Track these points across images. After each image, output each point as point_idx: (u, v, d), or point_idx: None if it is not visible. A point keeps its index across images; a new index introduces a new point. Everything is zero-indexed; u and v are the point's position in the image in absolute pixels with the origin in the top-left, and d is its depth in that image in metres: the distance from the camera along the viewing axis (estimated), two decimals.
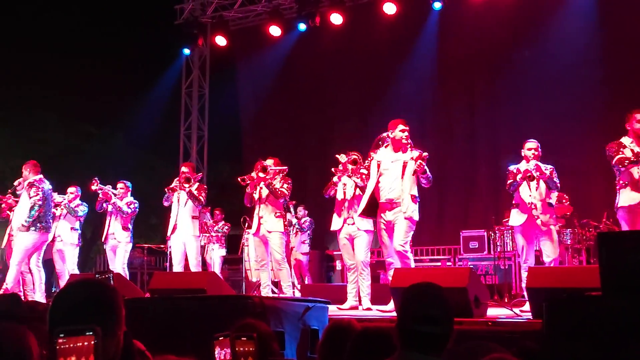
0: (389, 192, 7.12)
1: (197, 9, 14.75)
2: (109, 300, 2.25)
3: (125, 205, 9.66)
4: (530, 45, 12.10)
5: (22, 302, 3.11)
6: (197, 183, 8.89)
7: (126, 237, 9.61)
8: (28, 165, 9.19)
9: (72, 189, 10.00)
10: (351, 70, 13.88)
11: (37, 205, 8.68)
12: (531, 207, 7.04)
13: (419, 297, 2.53)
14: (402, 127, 7.20)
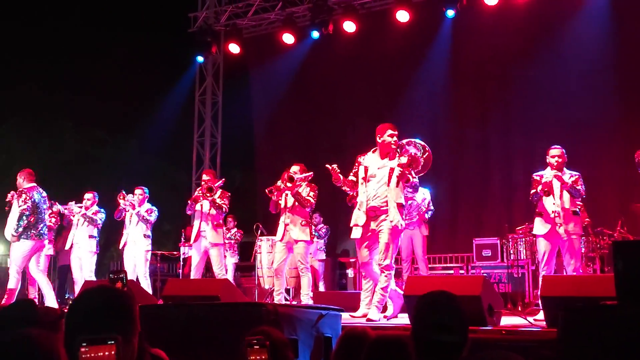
0: (374, 200, 6.81)
1: (211, 17, 14.83)
2: (126, 308, 2.26)
3: (145, 212, 9.66)
4: (543, 53, 12.07)
5: (37, 307, 3.12)
6: (220, 190, 8.87)
7: (147, 244, 9.61)
8: (23, 173, 9.24)
9: (88, 195, 10.03)
10: (364, 78, 13.89)
11: (24, 214, 8.70)
12: (555, 216, 7.02)
13: (433, 305, 2.53)
14: (390, 131, 6.97)
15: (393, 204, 6.73)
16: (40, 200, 9.06)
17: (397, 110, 13.18)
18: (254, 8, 14.18)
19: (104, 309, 2.18)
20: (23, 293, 10.87)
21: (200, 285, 7.32)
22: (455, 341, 2.45)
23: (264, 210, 8.94)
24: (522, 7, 11.75)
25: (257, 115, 15.45)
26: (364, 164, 7.02)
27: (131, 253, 9.60)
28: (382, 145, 6.98)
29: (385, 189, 6.78)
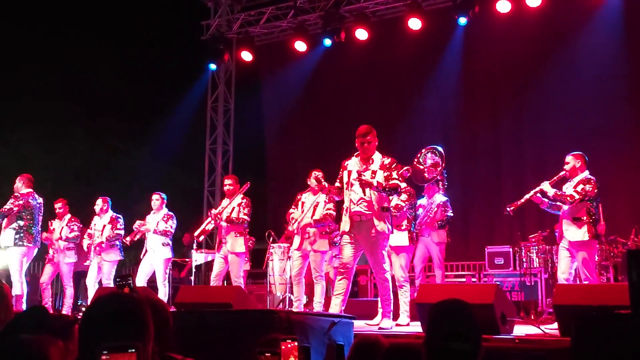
0: (358, 204, 6.68)
1: (223, 25, 14.90)
2: (140, 315, 2.28)
3: (163, 222, 9.62)
4: (555, 61, 12.05)
5: (48, 313, 3.15)
6: (244, 199, 8.83)
7: (166, 252, 9.60)
8: (22, 178, 9.35)
9: (99, 202, 10.07)
10: (376, 86, 13.90)
11: (17, 216, 8.87)
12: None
13: (447, 314, 2.53)
14: (364, 134, 6.84)
15: (376, 208, 6.62)
16: (36, 206, 9.20)
17: (409, 118, 13.19)
18: (266, 16, 14.24)
19: (119, 317, 2.20)
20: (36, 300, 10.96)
21: (212, 292, 7.34)
22: (469, 350, 2.45)
23: (275, 218, 8.97)
24: (535, 15, 11.73)
25: (269, 123, 15.49)
26: (348, 168, 6.90)
27: (148, 261, 9.58)
28: (362, 149, 6.83)
29: (367, 194, 6.61)
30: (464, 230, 12.77)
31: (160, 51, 19.94)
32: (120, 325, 2.19)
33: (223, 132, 15.28)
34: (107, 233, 9.76)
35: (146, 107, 19.59)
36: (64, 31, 20.08)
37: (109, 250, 9.81)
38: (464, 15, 11.78)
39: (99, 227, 9.92)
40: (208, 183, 15.06)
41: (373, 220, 6.61)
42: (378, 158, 6.79)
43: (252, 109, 15.51)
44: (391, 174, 6.64)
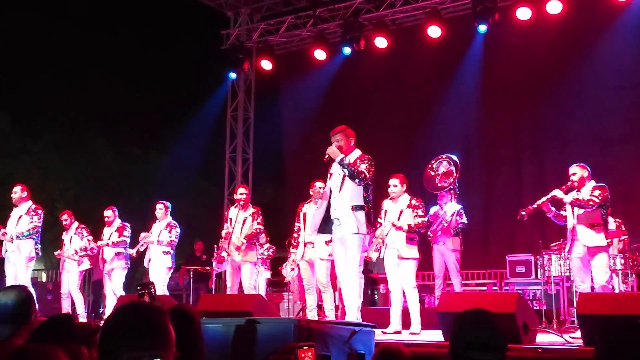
0: (335, 210, 6.48)
1: (243, 34, 14.98)
2: (161, 324, 2.28)
3: (166, 232, 9.65)
4: (576, 69, 11.95)
5: (73, 322, 3.17)
6: (257, 210, 8.84)
7: (167, 261, 9.60)
8: (25, 189, 9.55)
9: (108, 213, 10.16)
10: (395, 94, 13.88)
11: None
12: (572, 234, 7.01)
13: (472, 323, 2.51)
14: (337, 136, 6.58)
15: (347, 209, 6.35)
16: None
17: (429, 126, 13.15)
18: (286, 25, 14.29)
19: (139, 326, 2.21)
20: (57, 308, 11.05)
21: (233, 300, 7.34)
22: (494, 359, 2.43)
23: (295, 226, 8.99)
24: (555, 23, 11.66)
25: (288, 131, 15.51)
26: (331, 171, 6.71)
27: (154, 269, 9.63)
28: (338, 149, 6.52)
29: (339, 195, 6.42)
30: (485, 238, 12.70)
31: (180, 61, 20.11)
32: (141, 335, 2.19)
33: (243, 140, 15.33)
34: (113, 239, 9.90)
35: (166, 117, 19.75)
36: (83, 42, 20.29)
37: (115, 259, 9.90)
38: (483, 22, 11.74)
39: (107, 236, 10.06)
40: (228, 191, 15.09)
41: (344, 223, 6.43)
42: (353, 157, 6.50)
43: (272, 118, 15.56)
44: (357, 167, 6.36)
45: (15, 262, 9.20)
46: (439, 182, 9.25)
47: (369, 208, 6.42)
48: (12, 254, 9.23)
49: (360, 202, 6.33)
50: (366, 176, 6.28)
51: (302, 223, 8.45)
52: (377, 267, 12.86)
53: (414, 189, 8.94)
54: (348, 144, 6.51)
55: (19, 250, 9.18)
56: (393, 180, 8.01)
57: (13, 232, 9.19)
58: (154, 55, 20.40)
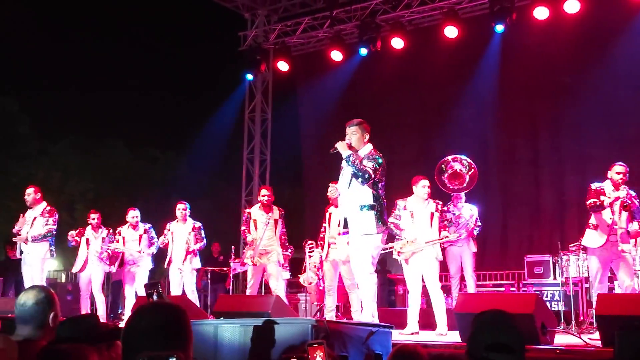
0: (342, 207, 6.46)
1: (260, 35, 15.03)
2: (180, 324, 2.31)
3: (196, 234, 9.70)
4: (594, 68, 11.86)
5: (99, 323, 3.21)
6: (282, 211, 8.86)
7: (196, 262, 9.64)
8: (39, 191, 9.62)
9: (134, 213, 10.22)
10: (412, 94, 13.86)
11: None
12: (611, 231, 6.93)
13: (491, 324, 2.51)
14: (347, 128, 6.48)
15: (355, 207, 6.21)
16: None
17: (446, 127, 13.11)
18: (303, 26, 14.32)
19: (159, 327, 2.24)
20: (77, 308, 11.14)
21: (250, 301, 7.38)
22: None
23: (312, 227, 9.02)
24: (573, 22, 11.59)
25: (305, 132, 15.53)
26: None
27: (176, 270, 9.65)
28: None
29: (348, 193, 6.30)
30: (503, 239, 12.65)
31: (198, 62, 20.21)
32: (161, 335, 2.23)
33: (260, 141, 15.37)
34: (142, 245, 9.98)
35: (185, 118, 19.86)
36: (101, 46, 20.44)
37: (140, 259, 9.97)
38: (501, 22, 11.70)
39: (132, 238, 10.11)
40: (245, 192, 15.15)
41: (354, 225, 6.36)
42: (363, 153, 6.39)
43: (289, 119, 15.59)
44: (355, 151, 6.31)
45: (31, 263, 9.29)
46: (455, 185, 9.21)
47: (381, 205, 6.25)
48: (28, 256, 9.32)
49: (369, 202, 6.15)
50: (370, 176, 6.10)
51: (327, 223, 8.48)
52: (394, 268, 12.87)
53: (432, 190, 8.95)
54: (362, 139, 6.38)
55: (34, 252, 9.27)
56: (425, 182, 8.00)
57: (28, 235, 9.26)
58: (172, 57, 20.52)
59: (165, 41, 20.81)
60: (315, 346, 2.68)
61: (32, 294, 3.29)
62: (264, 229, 8.73)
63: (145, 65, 20.75)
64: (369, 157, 6.23)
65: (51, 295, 3.39)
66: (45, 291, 3.40)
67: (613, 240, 6.93)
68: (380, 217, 6.19)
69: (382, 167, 6.24)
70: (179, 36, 20.69)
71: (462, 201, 9.40)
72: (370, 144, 6.43)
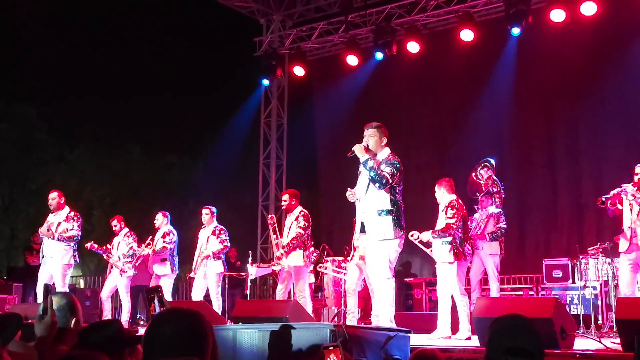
0: (361, 212, 6.36)
1: (275, 40, 15.07)
2: (200, 330, 2.33)
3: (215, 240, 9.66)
4: (612, 71, 11.78)
5: (122, 328, 3.23)
6: (301, 213, 8.83)
7: (219, 266, 9.65)
8: (62, 195, 9.71)
9: (160, 216, 10.26)
10: (428, 98, 13.84)
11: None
12: (632, 234, 6.87)
13: (510, 329, 2.50)
14: (365, 130, 6.46)
15: (373, 213, 6.19)
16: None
17: (462, 131, 13.08)
18: (318, 31, 14.36)
19: (181, 333, 2.25)
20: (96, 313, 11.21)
21: (268, 306, 7.39)
22: None
23: (328, 232, 9.01)
24: (590, 24, 11.52)
25: (321, 137, 15.54)
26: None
27: (201, 275, 9.66)
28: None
29: (365, 198, 6.28)
30: (521, 243, 12.58)
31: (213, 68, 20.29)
32: (182, 341, 2.24)
33: (276, 146, 15.41)
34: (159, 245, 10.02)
35: (201, 123, 19.94)
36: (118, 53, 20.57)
37: (161, 265, 10.00)
38: (517, 25, 11.65)
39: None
40: (262, 197, 15.18)
41: (373, 230, 6.38)
42: (381, 157, 6.37)
43: (305, 124, 15.61)
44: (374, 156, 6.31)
45: (53, 269, 9.34)
46: (485, 187, 9.20)
47: (398, 210, 6.21)
48: (50, 260, 9.37)
49: (387, 206, 6.13)
50: (388, 181, 6.09)
51: None
52: (419, 272, 12.84)
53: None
54: (379, 142, 6.35)
55: (57, 255, 9.32)
56: (435, 187, 8.12)
57: (55, 233, 9.34)
58: (188, 64, 20.62)
59: (182, 48, 20.92)
60: (331, 349, 2.69)
61: (54, 301, 3.32)
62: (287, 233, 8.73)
63: (162, 71, 20.88)
64: (387, 162, 6.20)
65: (73, 301, 3.41)
66: (67, 297, 3.43)
67: (635, 243, 6.87)
68: (398, 222, 6.16)
69: (400, 171, 6.22)
70: (195, 42, 20.79)
71: (491, 204, 9.33)
72: (388, 148, 6.41)
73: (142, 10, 19.42)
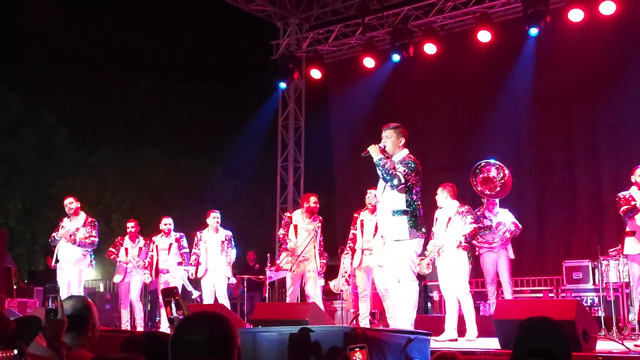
0: (378, 212, 6.53)
1: (292, 44, 15.09)
2: (230, 335, 2.34)
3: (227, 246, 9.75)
4: (631, 70, 11.68)
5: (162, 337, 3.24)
6: (318, 220, 8.86)
7: (228, 270, 9.69)
8: (77, 201, 9.73)
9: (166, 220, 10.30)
10: (446, 100, 13.80)
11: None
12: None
13: (537, 331, 2.48)
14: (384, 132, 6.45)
15: (388, 213, 6.17)
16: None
17: (480, 132, 13.04)
18: (335, 33, 14.35)
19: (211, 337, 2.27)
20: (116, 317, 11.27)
21: (288, 309, 7.39)
22: None
23: (345, 234, 9.01)
24: (609, 23, 11.43)
25: (338, 140, 15.54)
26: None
27: (210, 279, 9.65)
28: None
29: (382, 199, 6.29)
30: (540, 244, 12.51)
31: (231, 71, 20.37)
32: (212, 346, 2.26)
33: (294, 149, 15.42)
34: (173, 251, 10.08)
35: (219, 127, 20.03)
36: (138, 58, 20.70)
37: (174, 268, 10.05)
38: (535, 25, 11.57)
39: (163, 247, 10.18)
40: (280, 200, 15.20)
41: (389, 232, 6.41)
42: (398, 158, 6.35)
43: (322, 126, 15.62)
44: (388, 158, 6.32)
45: (69, 273, 9.39)
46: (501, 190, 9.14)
47: (415, 211, 6.15)
48: (67, 265, 9.42)
49: (402, 207, 6.08)
50: (400, 180, 6.04)
51: (359, 230, 8.46)
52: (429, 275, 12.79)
53: (465, 196, 8.90)
54: (397, 143, 6.31)
55: (73, 260, 9.38)
56: (438, 190, 8.05)
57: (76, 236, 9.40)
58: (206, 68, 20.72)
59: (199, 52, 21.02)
60: (357, 350, 2.70)
61: (69, 304, 3.33)
62: (308, 238, 8.71)
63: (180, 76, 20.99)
64: (402, 162, 6.17)
65: (89, 304, 3.42)
66: (83, 301, 3.44)
67: None
68: (414, 223, 6.10)
69: (416, 172, 6.16)
70: (213, 47, 20.90)
71: (497, 207, 9.29)
72: (407, 149, 6.39)
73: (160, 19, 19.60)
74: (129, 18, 20.72)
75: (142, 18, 20.27)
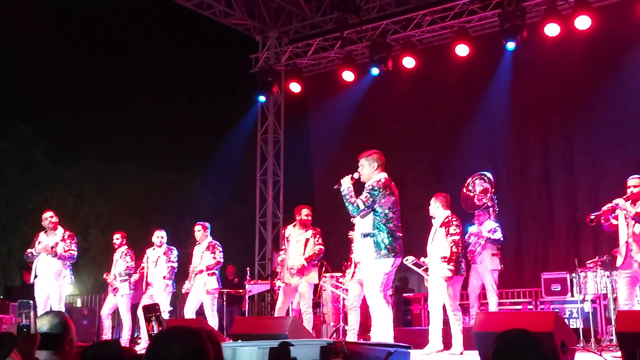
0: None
1: (271, 57, 15.12)
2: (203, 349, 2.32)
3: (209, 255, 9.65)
4: (607, 84, 11.84)
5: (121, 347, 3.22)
6: (316, 230, 8.87)
7: (213, 282, 9.59)
8: (55, 215, 9.66)
9: (160, 233, 10.23)
10: (424, 113, 13.90)
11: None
12: (627, 247, 6.85)
13: (516, 344, 2.49)
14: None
15: (358, 235, 6.49)
16: None
17: (459, 145, 13.14)
18: (314, 47, 14.40)
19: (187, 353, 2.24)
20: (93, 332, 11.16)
21: (267, 322, 7.36)
22: None
23: (326, 248, 8.97)
24: (584, 38, 11.58)
25: (317, 153, 15.54)
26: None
27: (195, 292, 9.59)
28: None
29: (355, 221, 6.75)
30: (518, 257, 12.59)
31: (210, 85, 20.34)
32: None
33: (273, 162, 15.41)
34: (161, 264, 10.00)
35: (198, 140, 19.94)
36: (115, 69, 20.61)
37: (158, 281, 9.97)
38: (512, 40, 11.69)
39: (152, 259, 10.11)
40: (260, 214, 15.17)
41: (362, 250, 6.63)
42: (370, 182, 6.54)
43: (302, 140, 15.61)
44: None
45: (49, 288, 9.27)
46: (478, 201, 9.22)
47: (382, 232, 6.26)
48: (48, 279, 9.29)
49: (368, 229, 6.29)
50: (359, 207, 6.26)
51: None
52: (417, 288, 12.81)
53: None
54: (371, 169, 6.52)
55: (52, 275, 9.26)
56: (431, 200, 8.20)
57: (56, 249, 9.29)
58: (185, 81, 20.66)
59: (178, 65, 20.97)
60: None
61: (46, 320, 3.29)
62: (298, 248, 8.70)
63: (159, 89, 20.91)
64: (366, 188, 6.39)
65: (66, 320, 3.38)
66: (60, 316, 3.40)
67: (631, 257, 6.86)
68: (380, 245, 6.22)
69: (379, 197, 6.30)
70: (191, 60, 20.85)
71: (489, 219, 9.30)
72: (384, 172, 6.47)
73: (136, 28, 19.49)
74: (107, 32, 20.64)
75: (119, 33, 20.20)
